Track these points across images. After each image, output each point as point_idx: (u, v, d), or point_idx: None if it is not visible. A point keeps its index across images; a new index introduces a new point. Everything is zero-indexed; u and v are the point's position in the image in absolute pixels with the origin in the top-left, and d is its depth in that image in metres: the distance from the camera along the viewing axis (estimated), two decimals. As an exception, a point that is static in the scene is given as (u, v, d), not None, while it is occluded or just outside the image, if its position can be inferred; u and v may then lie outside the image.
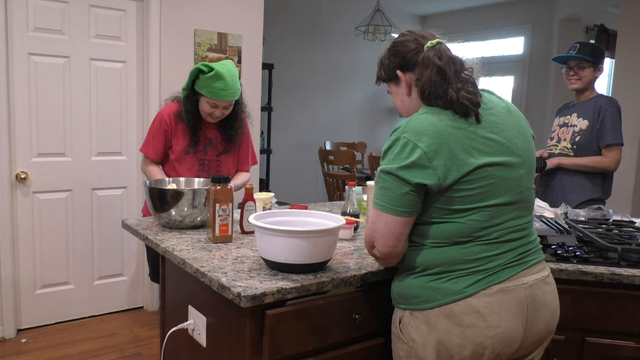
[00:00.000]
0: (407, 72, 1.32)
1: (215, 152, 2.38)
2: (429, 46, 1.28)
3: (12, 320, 2.91)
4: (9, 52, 2.78)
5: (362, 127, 6.71)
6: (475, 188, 1.18)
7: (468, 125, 1.20)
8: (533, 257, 1.28)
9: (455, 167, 1.17)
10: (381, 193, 1.24)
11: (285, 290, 1.25)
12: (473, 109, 1.21)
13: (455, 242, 1.21)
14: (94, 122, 3.10)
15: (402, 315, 1.29)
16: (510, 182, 1.23)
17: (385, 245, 1.25)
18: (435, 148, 1.16)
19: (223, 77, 2.17)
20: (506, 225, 1.23)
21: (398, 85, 1.35)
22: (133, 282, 3.37)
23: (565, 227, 1.86)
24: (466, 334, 1.19)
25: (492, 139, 1.22)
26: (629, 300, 1.51)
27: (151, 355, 2.78)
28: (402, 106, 1.37)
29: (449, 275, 1.21)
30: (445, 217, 1.21)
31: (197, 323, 1.51)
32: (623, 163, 4.12)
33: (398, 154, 1.20)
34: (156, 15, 3.14)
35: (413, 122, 1.21)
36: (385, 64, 1.36)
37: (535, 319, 1.25)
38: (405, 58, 1.31)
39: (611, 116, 2.52)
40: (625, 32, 4.13)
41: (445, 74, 1.24)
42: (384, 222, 1.24)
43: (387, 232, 1.24)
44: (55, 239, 3.05)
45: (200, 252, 1.53)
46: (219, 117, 2.30)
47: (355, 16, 5.96)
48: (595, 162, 2.55)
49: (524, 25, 6.28)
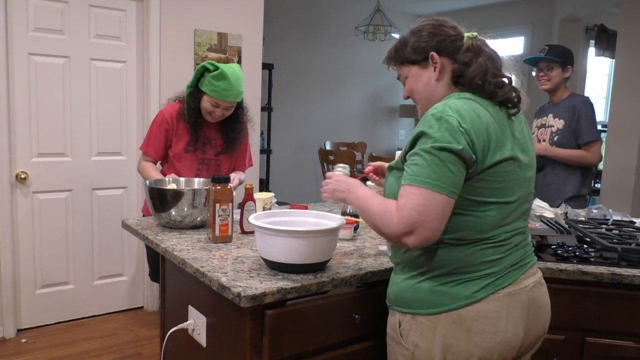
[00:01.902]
0: (443, 56, 1.26)
1: (214, 151, 2.39)
2: (470, 36, 1.26)
3: (12, 320, 2.91)
4: (9, 52, 2.78)
5: (362, 127, 6.70)
6: (500, 181, 1.16)
7: (502, 117, 1.20)
8: (530, 259, 1.28)
9: (490, 154, 1.14)
10: (433, 171, 1.10)
11: (285, 290, 1.25)
12: (516, 102, 1.22)
13: (469, 240, 1.17)
14: (94, 122, 3.10)
15: (401, 318, 1.24)
16: (523, 181, 1.23)
17: (436, 230, 1.12)
18: (477, 132, 1.12)
19: (227, 77, 2.18)
20: (512, 227, 1.22)
21: (425, 68, 1.28)
22: (133, 282, 3.37)
23: (565, 227, 1.86)
24: (475, 339, 1.16)
25: (516, 136, 1.22)
26: (629, 300, 1.51)
27: (151, 355, 2.78)
28: (426, 91, 1.29)
29: (459, 279, 1.18)
30: (466, 208, 1.16)
31: (197, 323, 1.51)
32: (623, 163, 4.13)
33: (444, 132, 1.11)
34: (156, 15, 3.14)
35: (454, 104, 1.15)
36: (416, 45, 1.27)
37: (534, 322, 1.25)
38: (445, 42, 1.25)
39: (586, 114, 2.60)
40: (625, 32, 4.13)
41: (496, 64, 1.23)
42: (439, 204, 1.10)
43: (441, 216, 1.11)
44: (55, 239, 3.05)
45: (200, 252, 1.53)
46: (219, 117, 2.30)
47: (355, 16, 5.96)
48: (580, 157, 2.61)
49: (524, 25, 6.27)
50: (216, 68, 2.19)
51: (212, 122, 2.34)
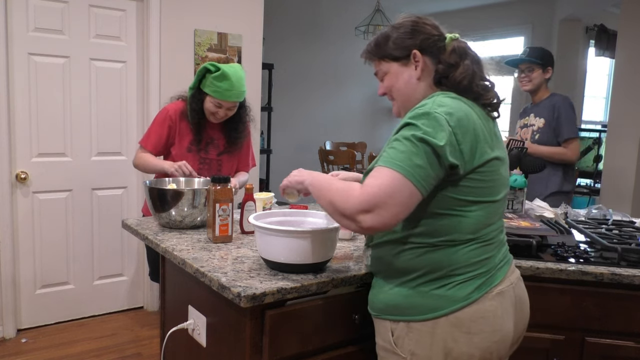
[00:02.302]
0: (426, 55, 1.24)
1: (217, 151, 2.39)
2: (452, 37, 1.25)
3: (12, 320, 2.91)
4: (9, 52, 2.78)
5: (362, 127, 6.70)
6: (489, 180, 1.16)
7: (486, 117, 1.22)
8: (509, 256, 1.30)
9: (479, 153, 1.13)
10: (409, 158, 1.08)
11: (285, 290, 1.25)
12: (498, 107, 1.23)
13: (462, 241, 1.16)
14: (94, 122, 3.10)
15: (393, 327, 1.20)
16: (505, 180, 1.24)
17: (395, 217, 1.07)
18: (465, 131, 1.11)
19: (229, 78, 2.18)
20: (497, 226, 1.23)
21: (405, 66, 1.26)
22: (133, 282, 3.37)
23: (565, 227, 1.86)
24: (474, 340, 1.15)
25: (497, 135, 1.24)
26: (629, 300, 1.51)
27: (151, 355, 2.78)
28: (406, 89, 1.26)
29: (454, 281, 1.16)
30: (458, 209, 1.15)
31: (197, 323, 1.51)
32: (623, 163, 4.13)
33: (431, 127, 1.09)
34: (156, 15, 3.14)
35: (443, 101, 1.14)
36: (399, 41, 1.25)
37: (520, 317, 1.26)
38: (429, 40, 1.24)
39: (565, 112, 2.67)
40: (625, 32, 4.13)
41: (480, 67, 1.24)
42: (405, 191, 1.07)
43: (405, 204, 1.07)
44: (55, 239, 3.05)
45: (200, 252, 1.53)
46: (222, 117, 2.30)
47: (355, 16, 5.96)
48: (560, 153, 2.68)
49: (524, 25, 6.27)
50: (217, 69, 2.19)
51: (215, 122, 2.34)
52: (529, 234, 1.67)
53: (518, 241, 1.64)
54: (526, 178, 2.10)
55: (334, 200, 1.14)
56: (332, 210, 1.15)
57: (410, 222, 1.18)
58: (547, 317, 1.55)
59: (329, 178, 1.25)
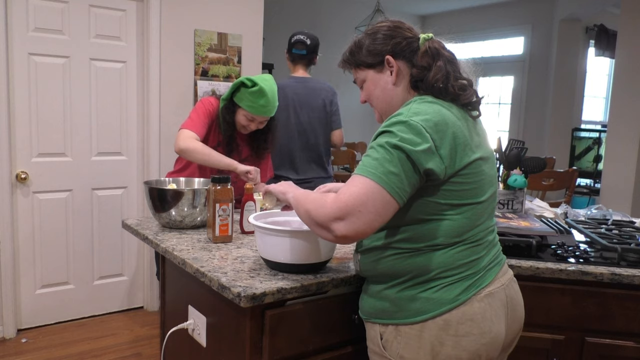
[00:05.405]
0: (399, 59, 1.24)
1: (239, 158, 2.34)
2: (425, 38, 1.23)
3: (12, 320, 2.91)
4: (9, 52, 2.78)
5: (362, 127, 6.70)
6: (473, 182, 1.15)
7: (466, 118, 1.19)
8: (502, 256, 1.28)
9: (459, 157, 1.12)
10: (382, 165, 1.07)
11: (285, 290, 1.25)
12: (478, 105, 1.21)
13: (448, 244, 1.15)
14: (94, 122, 3.10)
15: (382, 331, 1.20)
16: (491, 179, 1.22)
17: (369, 225, 1.06)
18: (442, 136, 1.10)
19: (266, 94, 2.15)
20: (485, 226, 1.22)
21: (381, 72, 1.26)
22: (133, 282, 3.37)
23: (565, 227, 1.86)
24: (461, 343, 1.14)
25: (480, 135, 1.22)
26: (629, 300, 1.51)
27: (151, 355, 2.78)
28: (384, 95, 1.26)
29: (441, 283, 1.15)
30: (442, 213, 1.14)
31: (197, 323, 1.51)
32: (623, 163, 4.13)
33: (407, 134, 1.08)
34: (156, 15, 3.14)
35: (418, 108, 1.13)
36: (372, 47, 1.25)
37: (512, 319, 1.24)
38: (401, 44, 1.23)
39: None
40: (625, 32, 4.13)
41: (455, 66, 1.22)
42: (378, 199, 1.06)
43: (379, 212, 1.07)
44: (55, 239, 3.05)
45: (200, 252, 1.53)
46: (253, 129, 2.29)
47: (355, 16, 5.96)
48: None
49: (524, 25, 6.28)
50: (254, 84, 2.15)
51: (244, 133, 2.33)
52: (529, 234, 1.67)
53: (518, 241, 1.64)
54: (526, 178, 2.10)
55: (308, 208, 1.14)
56: (308, 219, 1.15)
57: (395, 229, 1.17)
58: (547, 317, 1.55)
59: (308, 191, 1.26)
